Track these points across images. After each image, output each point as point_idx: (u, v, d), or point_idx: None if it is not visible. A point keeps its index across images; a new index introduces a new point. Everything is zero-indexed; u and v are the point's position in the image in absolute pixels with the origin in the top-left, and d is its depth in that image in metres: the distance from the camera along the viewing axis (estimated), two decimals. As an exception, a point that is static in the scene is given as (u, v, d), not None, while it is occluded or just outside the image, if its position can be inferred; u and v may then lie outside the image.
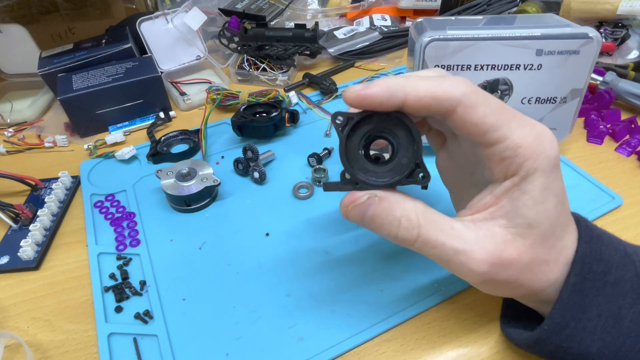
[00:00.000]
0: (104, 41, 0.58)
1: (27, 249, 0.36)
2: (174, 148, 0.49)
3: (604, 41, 0.56)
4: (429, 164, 0.31)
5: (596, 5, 0.56)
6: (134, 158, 0.48)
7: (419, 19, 0.41)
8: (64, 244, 0.39)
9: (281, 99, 0.50)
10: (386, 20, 0.73)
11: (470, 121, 0.22)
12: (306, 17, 0.74)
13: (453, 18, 0.42)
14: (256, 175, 0.42)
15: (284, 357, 0.28)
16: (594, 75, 0.51)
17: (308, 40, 0.61)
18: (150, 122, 0.53)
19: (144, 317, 0.31)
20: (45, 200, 0.41)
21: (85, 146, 0.50)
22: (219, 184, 0.40)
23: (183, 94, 0.57)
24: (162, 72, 0.58)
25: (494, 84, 0.39)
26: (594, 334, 0.23)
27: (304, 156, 0.45)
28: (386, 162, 0.25)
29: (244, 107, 0.49)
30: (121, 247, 0.37)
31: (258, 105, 0.49)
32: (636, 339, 0.22)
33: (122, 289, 0.33)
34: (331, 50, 0.63)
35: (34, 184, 0.44)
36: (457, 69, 0.38)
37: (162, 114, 0.53)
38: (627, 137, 0.46)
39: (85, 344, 0.30)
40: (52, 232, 0.39)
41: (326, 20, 0.77)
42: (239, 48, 0.62)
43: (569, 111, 0.40)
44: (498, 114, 0.22)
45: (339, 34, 0.67)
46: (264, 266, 0.35)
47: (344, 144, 0.24)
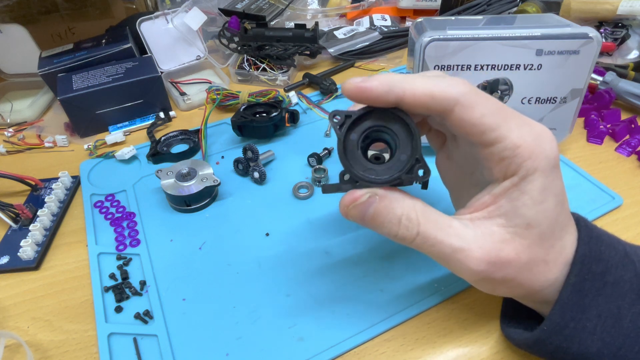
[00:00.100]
0: (104, 41, 0.58)
1: (27, 249, 0.36)
2: (174, 148, 0.49)
3: (604, 41, 0.56)
4: (429, 164, 0.31)
5: (596, 5, 0.56)
6: (134, 158, 0.48)
7: (419, 19, 0.41)
8: (64, 244, 0.39)
9: (281, 99, 0.50)
10: (386, 20, 0.73)
11: (468, 121, 0.22)
12: (306, 17, 0.74)
13: (453, 18, 0.42)
14: (256, 175, 0.42)
15: (284, 357, 0.28)
16: (594, 75, 0.51)
17: (308, 40, 0.61)
18: (150, 122, 0.53)
19: (144, 317, 0.31)
20: (45, 200, 0.41)
21: (85, 146, 0.50)
22: (219, 184, 0.40)
23: (183, 94, 0.57)
24: (162, 72, 0.58)
25: (494, 84, 0.39)
26: (593, 334, 0.23)
27: (304, 156, 0.45)
28: (385, 160, 0.25)
29: (244, 107, 0.49)
30: (121, 247, 0.37)
31: (258, 105, 0.49)
32: (635, 339, 0.22)
33: (122, 289, 0.33)
34: (331, 50, 0.63)
35: (34, 184, 0.44)
36: (457, 69, 0.38)
37: (162, 114, 0.53)
38: (627, 137, 0.46)
39: (85, 344, 0.30)
40: (52, 232, 0.39)
41: (326, 20, 0.77)
42: (239, 48, 0.62)
43: (569, 111, 0.40)
44: (496, 114, 0.22)
45: (339, 34, 0.67)
46: (264, 266, 0.35)
47: (342, 142, 0.24)
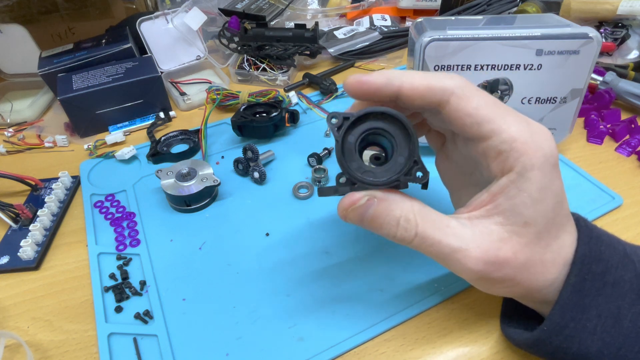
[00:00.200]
0: (104, 41, 0.58)
1: (27, 249, 0.36)
2: (174, 148, 0.49)
3: (604, 41, 0.56)
4: (428, 164, 0.31)
5: (596, 5, 0.56)
6: (134, 158, 0.48)
7: (419, 19, 0.41)
8: (64, 244, 0.39)
9: (281, 99, 0.50)
10: (386, 20, 0.73)
11: (463, 112, 0.23)
12: (306, 17, 0.74)
13: (453, 18, 0.42)
14: (256, 175, 0.42)
15: (284, 357, 0.28)
16: (594, 75, 0.51)
17: (308, 40, 0.61)
18: (150, 122, 0.53)
19: (144, 317, 0.31)
20: (45, 200, 0.41)
21: (85, 146, 0.50)
22: (219, 184, 0.40)
23: (183, 94, 0.57)
24: (162, 72, 0.58)
25: (494, 84, 0.39)
26: (593, 335, 0.23)
27: (304, 156, 0.45)
28: (383, 162, 0.25)
29: (244, 107, 0.49)
30: (121, 247, 0.37)
31: (258, 105, 0.49)
32: (636, 339, 0.22)
33: (122, 289, 0.33)
34: (331, 50, 0.63)
35: (34, 184, 0.44)
36: (457, 69, 0.38)
37: (162, 114, 0.53)
38: (627, 137, 0.46)
39: (85, 344, 0.30)
40: (52, 232, 0.39)
41: (326, 20, 0.77)
42: (239, 48, 0.62)
43: (569, 111, 0.40)
44: (492, 107, 0.23)
45: (339, 34, 0.67)
46: (264, 266, 0.35)
47: (340, 144, 0.24)
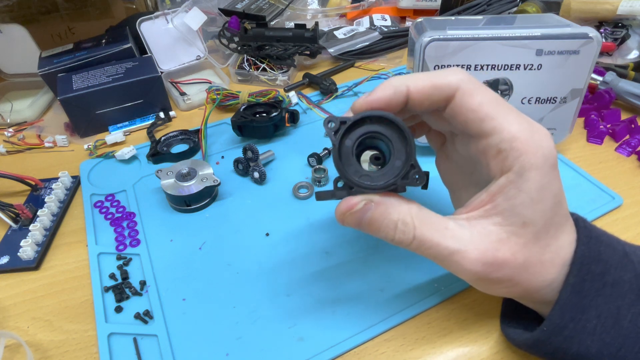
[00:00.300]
0: (104, 41, 0.58)
1: (27, 249, 0.36)
2: (174, 148, 0.49)
3: (604, 41, 0.56)
4: (429, 164, 0.32)
5: (596, 5, 0.56)
6: (134, 158, 0.48)
7: (419, 19, 0.41)
8: (64, 244, 0.39)
9: (281, 99, 0.50)
10: (386, 20, 0.73)
11: (468, 107, 0.23)
12: (306, 17, 0.74)
13: (453, 18, 0.42)
14: (256, 175, 0.42)
15: (284, 357, 0.28)
16: (594, 75, 0.51)
17: (308, 40, 0.61)
18: (150, 122, 0.53)
19: (144, 317, 0.31)
20: (45, 200, 0.41)
21: (85, 146, 0.50)
22: (219, 184, 0.40)
23: (183, 94, 0.57)
24: (162, 72, 0.58)
25: (494, 84, 0.39)
26: (593, 335, 0.23)
27: (304, 156, 0.45)
28: (383, 163, 0.25)
29: (244, 107, 0.49)
30: (121, 247, 0.37)
31: (258, 105, 0.49)
32: (635, 340, 0.22)
33: (122, 289, 0.33)
34: (331, 50, 0.63)
35: (34, 184, 0.44)
36: (457, 69, 0.38)
37: (162, 114, 0.53)
38: (627, 137, 0.46)
39: (85, 344, 0.30)
40: (52, 232, 0.39)
41: (326, 20, 0.77)
42: (239, 48, 0.62)
43: (569, 111, 0.40)
44: (495, 105, 0.23)
45: (339, 34, 0.67)
46: (264, 266, 0.35)
47: (337, 148, 0.24)
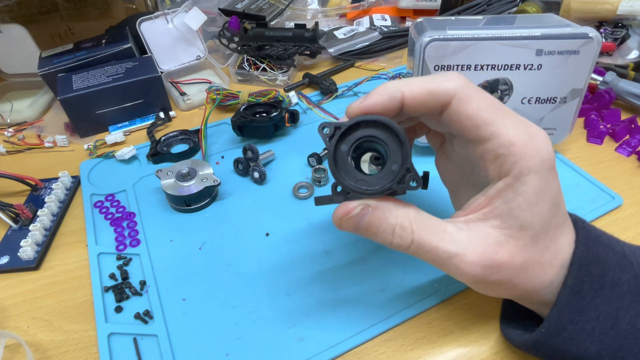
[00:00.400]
0: (104, 41, 0.58)
1: (27, 249, 0.36)
2: (174, 148, 0.49)
3: (604, 41, 0.56)
4: (429, 164, 0.32)
5: (596, 5, 0.56)
6: (134, 158, 0.48)
7: (419, 19, 0.41)
8: (64, 244, 0.39)
9: (281, 99, 0.50)
10: (386, 20, 0.73)
11: (464, 114, 0.22)
12: (306, 17, 0.74)
13: (453, 18, 0.42)
14: (256, 175, 0.42)
15: (284, 357, 0.28)
16: (594, 75, 0.51)
17: (308, 40, 0.61)
18: (150, 122, 0.53)
19: (144, 317, 0.31)
20: (45, 200, 0.41)
21: (85, 146, 0.50)
22: (219, 184, 0.40)
23: (183, 94, 0.57)
24: (162, 72, 0.58)
25: (494, 84, 0.39)
26: (592, 336, 0.23)
27: (304, 156, 0.45)
28: (381, 166, 0.25)
29: (244, 107, 0.49)
30: (121, 247, 0.37)
31: (258, 105, 0.49)
32: (634, 341, 0.22)
33: (122, 289, 0.33)
34: (331, 50, 0.63)
35: (34, 184, 0.44)
36: (457, 69, 0.38)
37: (162, 114, 0.53)
38: (627, 137, 0.46)
39: (85, 344, 0.30)
40: (52, 232, 0.39)
41: (326, 20, 0.77)
42: (239, 48, 0.62)
43: (569, 111, 0.40)
44: (492, 110, 0.22)
45: (339, 34, 0.67)
46: (264, 266, 0.35)
47: (332, 154, 0.24)
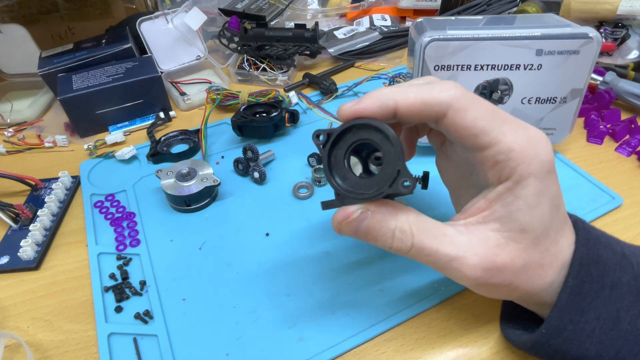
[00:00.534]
0: (104, 41, 0.58)
1: (27, 249, 0.36)
2: (174, 148, 0.49)
3: (604, 41, 0.56)
4: (429, 164, 0.32)
5: (596, 5, 0.56)
6: (134, 158, 0.48)
7: (419, 19, 0.41)
8: (64, 244, 0.39)
9: (281, 99, 0.50)
10: (386, 20, 0.73)
11: (461, 125, 0.22)
12: (306, 17, 0.74)
13: (453, 18, 0.42)
14: (256, 175, 0.42)
15: (284, 357, 0.28)
16: (594, 75, 0.51)
17: (308, 40, 0.61)
18: (150, 122, 0.53)
19: (144, 317, 0.31)
20: (45, 200, 0.41)
21: (85, 146, 0.50)
22: (219, 184, 0.40)
23: (183, 94, 0.57)
24: (162, 72, 0.58)
25: (494, 84, 0.39)
26: (592, 337, 0.23)
27: (304, 156, 0.45)
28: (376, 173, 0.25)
29: (244, 107, 0.49)
30: (121, 247, 0.37)
31: (258, 105, 0.49)
32: (634, 342, 0.22)
33: (122, 289, 0.33)
34: (331, 50, 0.63)
35: (34, 184, 0.44)
36: (457, 69, 0.38)
37: (162, 114, 0.53)
38: (627, 137, 0.46)
39: (85, 344, 0.30)
40: (52, 232, 0.39)
41: (326, 20, 0.77)
42: (239, 48, 0.62)
43: (569, 111, 0.40)
44: (489, 118, 0.22)
45: (339, 34, 0.67)
46: (264, 266, 0.35)
47: (327, 160, 0.24)
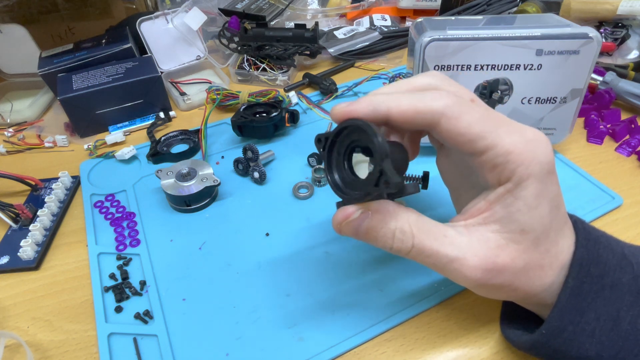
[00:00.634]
0: (104, 41, 0.58)
1: (27, 249, 0.36)
2: (174, 148, 0.49)
3: (604, 41, 0.56)
4: (429, 164, 0.31)
5: (596, 5, 0.56)
6: (134, 158, 0.48)
7: (419, 19, 0.41)
8: (64, 244, 0.39)
9: (281, 99, 0.50)
10: (386, 20, 0.73)
11: (455, 132, 0.22)
12: (306, 17, 0.74)
13: (453, 18, 0.42)
14: (256, 175, 0.42)
15: (284, 357, 0.28)
16: (594, 75, 0.51)
17: (308, 40, 0.61)
18: (150, 122, 0.53)
19: (144, 317, 0.31)
20: (45, 200, 0.41)
21: (85, 146, 0.50)
22: (219, 184, 0.40)
23: (183, 94, 0.57)
24: (162, 72, 0.58)
25: (494, 84, 0.39)
26: (592, 337, 0.23)
27: (304, 156, 0.45)
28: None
29: (244, 107, 0.49)
30: (121, 247, 0.37)
31: (258, 105, 0.49)
32: (634, 342, 0.22)
33: (122, 289, 0.33)
34: (331, 50, 0.63)
35: (34, 184, 0.43)
36: (457, 69, 0.38)
37: (162, 114, 0.53)
38: (627, 137, 0.46)
39: (85, 344, 0.30)
40: (52, 232, 0.39)
41: (326, 20, 0.77)
42: (239, 48, 0.62)
43: (569, 111, 0.40)
44: (483, 122, 0.22)
45: (339, 34, 0.67)
46: (264, 266, 0.35)
47: (326, 161, 0.25)
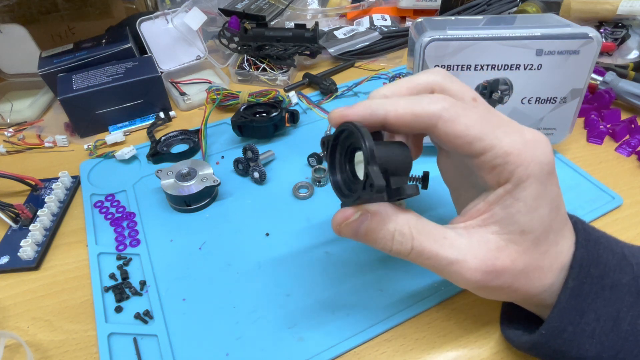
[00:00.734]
0: (104, 41, 0.58)
1: (27, 249, 0.36)
2: (174, 148, 0.49)
3: (604, 41, 0.56)
4: (430, 164, 0.31)
5: (596, 5, 0.56)
6: (134, 158, 0.48)
7: (419, 19, 0.41)
8: (64, 244, 0.39)
9: (281, 99, 0.50)
10: (386, 20, 0.73)
11: (452, 134, 0.22)
12: (306, 17, 0.74)
13: (453, 18, 0.42)
14: (256, 175, 0.42)
15: (284, 357, 0.28)
16: (594, 75, 0.51)
17: (308, 40, 0.61)
18: (150, 122, 0.53)
19: (144, 317, 0.31)
20: (45, 200, 0.41)
21: (85, 146, 0.50)
22: (219, 184, 0.40)
23: (183, 94, 0.57)
24: (162, 72, 0.58)
25: (494, 84, 0.39)
26: (592, 338, 0.23)
27: (304, 156, 0.45)
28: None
29: (244, 107, 0.49)
30: (121, 247, 0.37)
31: (258, 105, 0.49)
32: (634, 342, 0.22)
33: (122, 289, 0.33)
34: (331, 50, 0.63)
35: (34, 184, 0.44)
36: (457, 69, 0.38)
37: (162, 114, 0.53)
38: (627, 137, 0.46)
39: (85, 344, 0.30)
40: (52, 232, 0.39)
41: (326, 20, 0.77)
42: (239, 48, 0.62)
43: (569, 111, 0.40)
44: (481, 124, 0.22)
45: (339, 34, 0.67)
46: (264, 266, 0.35)
47: (329, 163, 0.25)
